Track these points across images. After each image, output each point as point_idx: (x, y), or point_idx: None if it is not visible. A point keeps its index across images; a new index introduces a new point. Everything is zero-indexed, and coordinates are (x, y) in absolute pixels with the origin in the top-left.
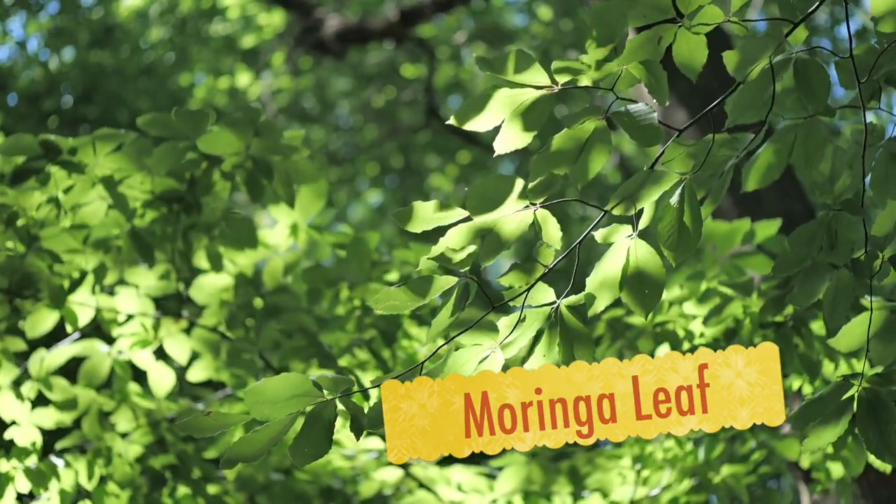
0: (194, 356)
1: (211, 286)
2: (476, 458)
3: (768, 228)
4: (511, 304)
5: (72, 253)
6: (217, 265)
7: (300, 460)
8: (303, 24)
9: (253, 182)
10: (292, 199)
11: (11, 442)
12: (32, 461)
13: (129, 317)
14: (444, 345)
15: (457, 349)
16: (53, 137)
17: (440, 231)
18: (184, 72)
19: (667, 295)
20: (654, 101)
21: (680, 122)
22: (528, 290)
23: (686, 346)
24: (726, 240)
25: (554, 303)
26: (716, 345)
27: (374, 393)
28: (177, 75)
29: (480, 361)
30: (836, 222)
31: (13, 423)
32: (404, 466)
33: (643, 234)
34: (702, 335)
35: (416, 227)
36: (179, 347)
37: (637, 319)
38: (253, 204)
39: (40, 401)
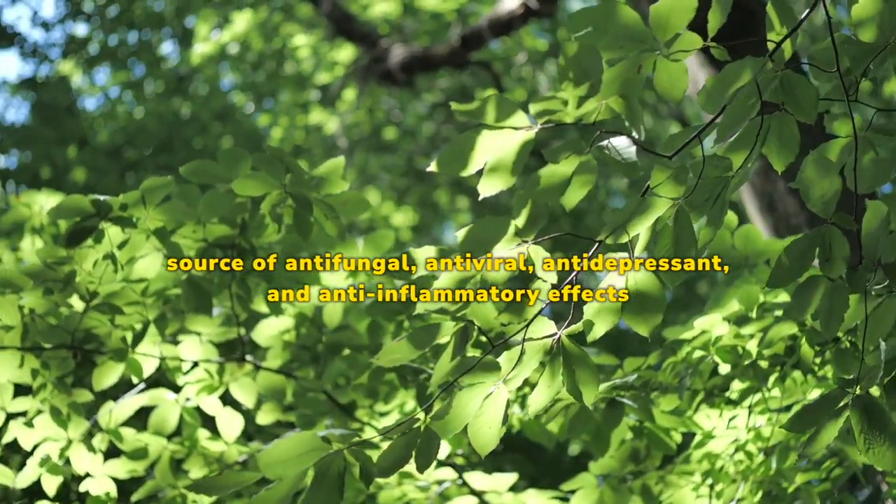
0: (261, 399)
1: (272, 329)
2: (548, 483)
3: None
4: (510, 340)
5: (132, 305)
6: (276, 309)
7: None
8: (369, 56)
9: (299, 220)
10: (342, 234)
11: (87, 493)
12: None
13: (194, 364)
14: (446, 388)
15: (460, 390)
16: (104, 197)
17: None
18: (260, 113)
19: (723, 313)
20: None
21: None
22: (527, 325)
23: (744, 364)
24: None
25: (554, 334)
26: (774, 360)
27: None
28: (253, 118)
29: (485, 399)
30: (830, 237)
31: (87, 475)
32: (479, 494)
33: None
34: (759, 354)
35: (417, 272)
36: (245, 391)
37: (698, 342)
38: (303, 244)
39: (112, 452)
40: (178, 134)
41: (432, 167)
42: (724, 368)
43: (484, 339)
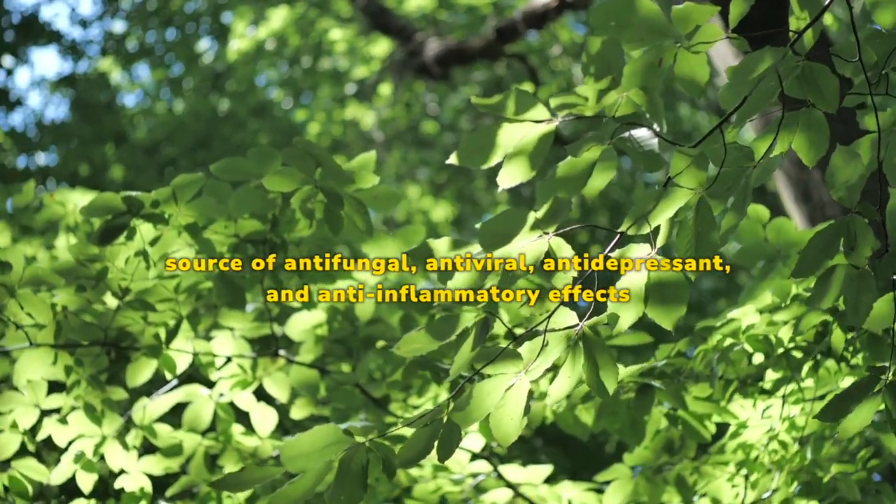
0: (295, 394)
1: (304, 323)
2: (582, 476)
3: None
4: (533, 331)
5: (164, 302)
6: (309, 303)
7: None
8: (404, 50)
9: (329, 214)
10: (370, 228)
11: (122, 490)
12: None
13: (227, 359)
14: (468, 379)
15: (481, 380)
16: (135, 193)
17: None
18: (298, 108)
19: (757, 305)
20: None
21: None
22: (550, 315)
23: (779, 351)
24: None
25: (576, 325)
26: (807, 350)
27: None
28: (290, 113)
29: (507, 390)
30: (854, 226)
31: (122, 471)
32: (514, 487)
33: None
34: (792, 341)
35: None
36: (279, 386)
37: (727, 329)
38: (334, 239)
39: (148, 448)
40: (215, 131)
41: (452, 159)
42: (758, 358)
43: (506, 329)
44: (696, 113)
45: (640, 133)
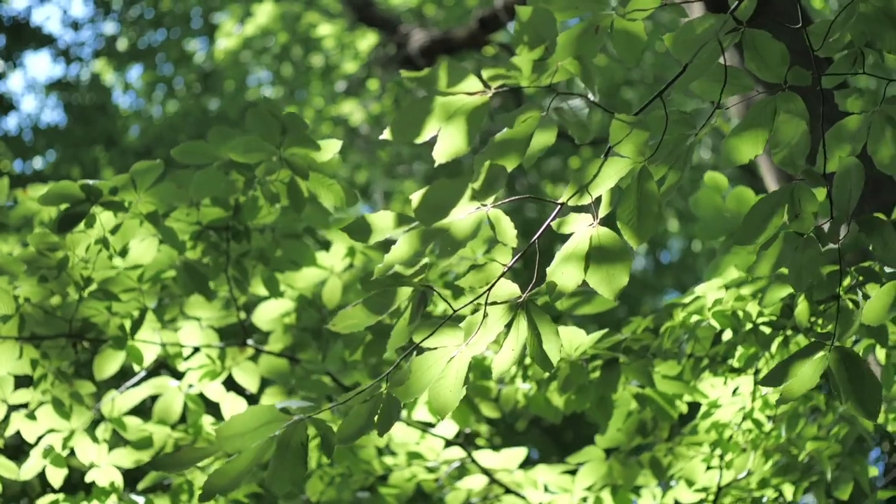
0: (265, 383)
1: (272, 312)
2: (557, 458)
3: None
4: (475, 303)
5: (128, 292)
6: (274, 290)
7: (278, 487)
8: (389, 43)
9: (293, 189)
10: (352, 197)
11: (93, 484)
12: (113, 502)
13: (195, 350)
14: (408, 352)
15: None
16: (94, 182)
17: None
18: (288, 106)
19: (723, 280)
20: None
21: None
22: (489, 288)
23: (747, 326)
24: None
25: (519, 297)
26: (777, 324)
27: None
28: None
29: (448, 362)
30: (799, 192)
31: (92, 465)
32: (489, 473)
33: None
34: (760, 314)
35: (372, 238)
36: (248, 376)
37: (693, 306)
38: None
39: (118, 441)
40: (206, 131)
41: (385, 134)
42: (727, 335)
43: (446, 304)
44: (688, 100)
45: (575, 103)
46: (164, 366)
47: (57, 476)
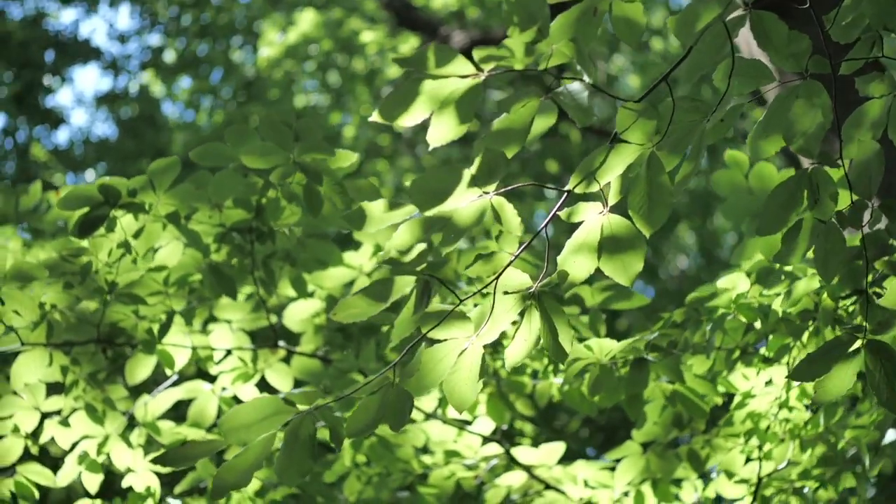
0: (298, 384)
1: (302, 312)
2: (594, 455)
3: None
4: (483, 293)
5: (154, 296)
6: (302, 291)
7: (288, 479)
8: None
9: (309, 192)
10: (349, 205)
11: (130, 489)
12: None
13: (227, 352)
14: (414, 343)
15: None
16: (112, 182)
17: None
18: (332, 111)
19: (747, 266)
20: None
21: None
22: (497, 277)
23: (772, 321)
24: None
25: (530, 287)
26: (805, 316)
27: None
28: (325, 117)
29: (460, 355)
30: (816, 177)
31: (129, 470)
32: (528, 469)
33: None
34: (784, 313)
35: (367, 227)
36: (281, 377)
37: (720, 301)
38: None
39: (154, 446)
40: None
41: (374, 116)
42: (757, 324)
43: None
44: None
45: (574, 86)
46: (200, 370)
47: (93, 482)
